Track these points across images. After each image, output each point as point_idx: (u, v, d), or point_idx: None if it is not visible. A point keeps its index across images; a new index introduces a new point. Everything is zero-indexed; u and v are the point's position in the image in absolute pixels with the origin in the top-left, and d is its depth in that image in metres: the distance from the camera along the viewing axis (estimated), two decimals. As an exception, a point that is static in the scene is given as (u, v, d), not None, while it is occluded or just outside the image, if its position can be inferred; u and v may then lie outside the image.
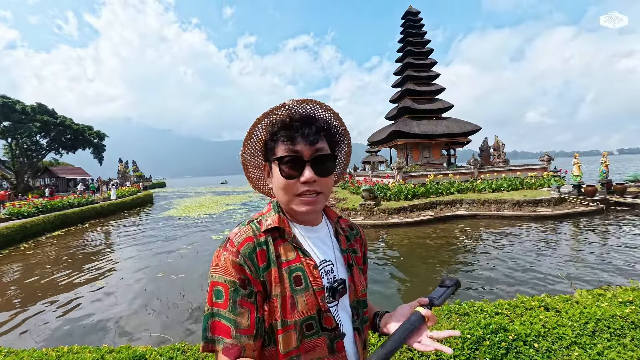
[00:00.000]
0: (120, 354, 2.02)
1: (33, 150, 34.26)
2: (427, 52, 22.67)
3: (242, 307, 0.67)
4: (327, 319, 0.73)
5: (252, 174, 0.90)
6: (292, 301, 0.70)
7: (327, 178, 0.75)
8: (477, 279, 5.79)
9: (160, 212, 19.69)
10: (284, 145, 0.73)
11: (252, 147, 0.84)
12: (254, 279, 0.69)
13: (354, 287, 0.82)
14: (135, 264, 8.05)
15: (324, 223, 0.86)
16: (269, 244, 0.73)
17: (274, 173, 0.76)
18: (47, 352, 2.14)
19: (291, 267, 0.73)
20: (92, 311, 5.26)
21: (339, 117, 0.85)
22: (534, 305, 2.23)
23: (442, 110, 21.78)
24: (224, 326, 0.66)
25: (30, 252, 10.05)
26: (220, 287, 0.68)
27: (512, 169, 18.12)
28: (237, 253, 0.69)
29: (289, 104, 0.77)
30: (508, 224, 10.30)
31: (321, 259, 0.78)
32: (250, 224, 0.77)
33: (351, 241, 0.90)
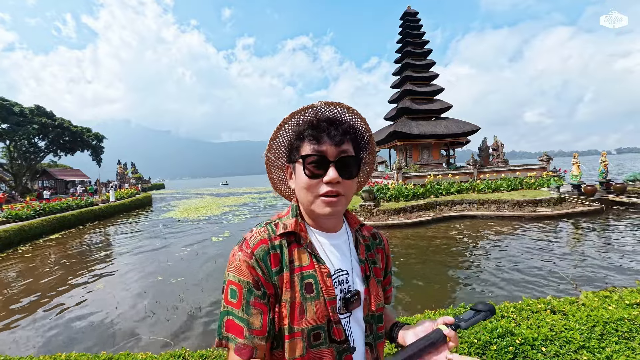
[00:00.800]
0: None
1: (31, 153, 34.17)
2: (426, 52, 22.70)
3: (255, 308, 0.68)
4: (337, 331, 0.71)
5: (275, 175, 0.90)
6: (300, 308, 0.69)
7: (350, 181, 0.74)
8: (478, 281, 5.76)
9: (159, 214, 19.62)
10: (309, 145, 0.73)
11: (277, 147, 0.84)
12: (266, 281, 0.69)
13: (370, 300, 0.79)
14: (134, 267, 7.99)
15: (343, 230, 0.84)
16: (284, 247, 0.73)
17: (298, 173, 0.75)
18: (44, 359, 2.10)
19: (304, 273, 0.72)
20: (91, 315, 5.20)
21: (366, 123, 0.84)
22: (540, 308, 2.20)
23: (441, 111, 21.81)
24: (237, 325, 0.67)
25: (28, 255, 9.97)
26: (234, 287, 0.69)
27: (512, 169, 18.13)
28: (251, 254, 0.70)
29: (317, 105, 0.77)
30: (508, 224, 10.28)
31: (336, 267, 0.76)
32: (267, 226, 0.77)
33: (372, 251, 0.87)
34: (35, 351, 4.08)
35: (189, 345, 4.07)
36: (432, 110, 21.44)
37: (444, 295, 5.26)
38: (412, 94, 21.69)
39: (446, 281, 5.89)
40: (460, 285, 5.65)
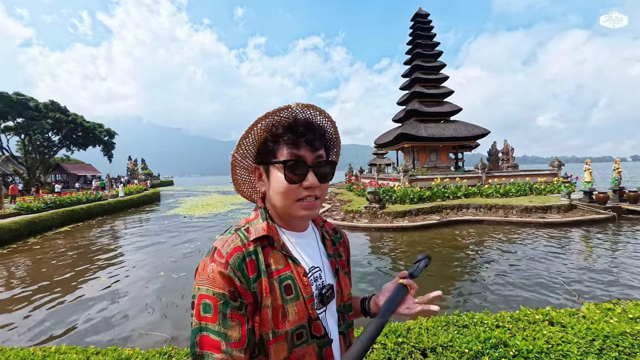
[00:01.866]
0: (106, 356, 1.98)
1: (45, 147, 34.95)
2: (436, 54, 22.46)
3: (233, 320, 0.65)
4: (317, 327, 0.73)
5: (239, 176, 0.88)
6: (283, 311, 0.69)
7: (325, 184, 0.76)
8: (480, 287, 5.64)
9: (167, 210, 19.85)
10: (287, 149, 0.72)
11: (246, 147, 0.81)
12: (244, 290, 0.67)
13: (341, 291, 0.83)
14: (138, 262, 8.08)
15: (310, 229, 0.87)
16: (258, 253, 0.71)
17: (274, 176, 0.74)
18: (34, 351, 2.11)
19: (281, 276, 0.72)
20: (91, 308, 5.27)
21: (335, 125, 0.86)
22: (537, 319, 2.12)
23: (450, 114, 21.53)
24: (213, 341, 0.63)
25: (37, 247, 10.18)
26: (208, 301, 0.65)
27: (521, 174, 17.78)
28: (226, 264, 0.66)
29: (294, 107, 0.76)
30: (515, 230, 10.08)
31: (310, 265, 0.79)
32: (237, 232, 0.74)
33: (336, 245, 0.92)
34: (31, 343, 4.15)
35: (187, 342, 4.08)
36: (441, 112, 21.18)
37: (439, 301, 5.17)
38: (421, 96, 21.48)
39: (446, 287, 5.78)
40: (460, 292, 5.54)
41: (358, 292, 5.56)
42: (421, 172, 18.85)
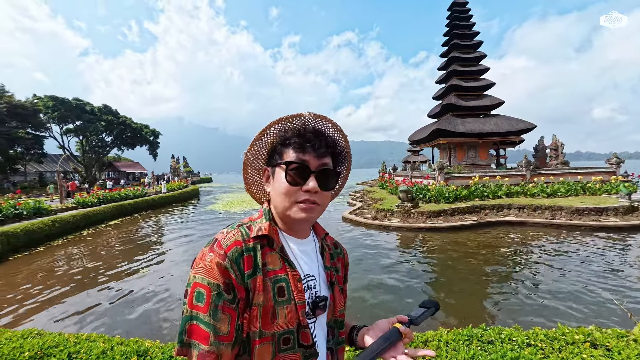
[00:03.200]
0: (127, 347, 2.09)
1: (99, 147, 38.30)
2: (475, 44, 21.20)
3: (224, 313, 0.65)
4: (305, 335, 0.72)
5: (250, 176, 0.91)
6: (273, 312, 0.69)
7: (327, 192, 0.77)
8: (513, 298, 5.18)
9: (204, 206, 20.81)
10: (293, 152, 0.74)
11: (259, 148, 0.85)
12: (238, 284, 0.67)
13: (334, 305, 0.82)
14: (176, 255, 8.55)
15: (311, 238, 0.86)
16: (257, 250, 0.72)
17: (277, 177, 0.76)
18: (69, 337, 2.29)
19: (276, 277, 0.72)
20: (131, 297, 5.65)
21: (346, 139, 0.88)
22: (577, 340, 1.87)
23: (490, 107, 20.26)
24: (202, 331, 0.64)
25: (90, 238, 11.17)
26: (202, 290, 0.66)
27: (573, 172, 16.27)
28: (224, 256, 0.68)
29: (306, 115, 0.80)
30: (563, 235, 9.22)
31: (305, 272, 0.78)
32: (239, 228, 0.75)
33: (334, 259, 0.90)
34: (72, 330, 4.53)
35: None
36: (481, 106, 20.00)
37: (472, 312, 4.84)
38: (459, 90, 20.42)
39: (479, 296, 5.39)
40: (490, 301, 5.15)
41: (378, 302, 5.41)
42: (458, 170, 17.96)
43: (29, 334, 2.41)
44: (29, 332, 2.45)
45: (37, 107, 31.17)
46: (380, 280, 6.15)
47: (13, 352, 2.05)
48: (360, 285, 5.93)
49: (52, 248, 9.63)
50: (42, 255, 8.75)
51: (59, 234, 11.22)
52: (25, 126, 30.26)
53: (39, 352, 2.05)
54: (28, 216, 12.08)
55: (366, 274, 6.50)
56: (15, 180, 33.92)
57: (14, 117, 28.81)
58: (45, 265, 7.81)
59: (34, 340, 2.22)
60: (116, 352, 2.04)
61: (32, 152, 32.69)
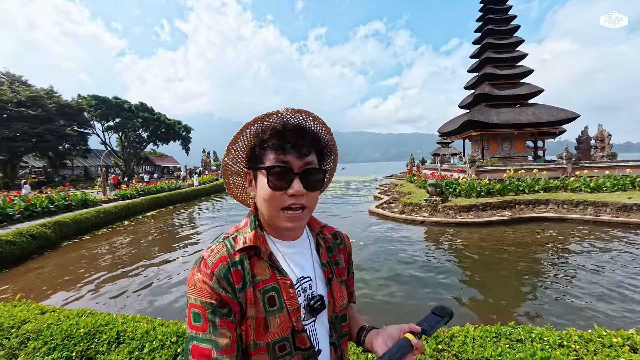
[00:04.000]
0: (167, 328, 2.27)
1: (137, 142, 40.63)
2: (512, 29, 19.95)
3: (222, 328, 0.66)
4: (301, 339, 0.72)
5: (232, 181, 0.87)
6: (264, 323, 0.69)
7: (314, 192, 0.73)
8: (548, 297, 4.90)
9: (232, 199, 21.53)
10: (273, 155, 0.70)
11: (236, 152, 0.80)
12: (231, 300, 0.67)
13: (333, 302, 0.80)
14: (207, 243, 8.96)
15: (304, 236, 0.83)
16: (245, 263, 0.71)
17: (259, 183, 0.72)
18: (116, 317, 2.53)
19: (266, 287, 0.71)
20: (167, 283, 6.03)
21: (330, 132, 0.82)
22: (615, 343, 1.76)
23: (528, 96, 19.07)
24: (204, 350, 0.64)
25: (131, 227, 11.97)
26: (197, 310, 0.66)
27: (621, 164, 15.03)
28: (211, 275, 0.67)
29: (283, 112, 0.74)
30: (608, 232, 8.58)
31: (299, 276, 0.76)
32: (224, 241, 0.74)
33: (334, 252, 0.88)
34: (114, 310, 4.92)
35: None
36: (517, 95, 18.87)
37: (502, 310, 4.66)
38: (493, 78, 19.38)
39: (510, 296, 5.15)
40: (522, 299, 4.93)
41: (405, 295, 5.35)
42: (491, 163, 17.19)
43: (83, 313, 2.68)
44: (83, 312, 2.72)
45: (82, 106, 33.62)
46: (406, 274, 6.10)
47: (70, 328, 2.30)
48: (384, 276, 5.93)
49: (97, 236, 10.44)
50: (88, 243, 9.53)
51: (104, 224, 12.13)
52: (71, 124, 32.77)
53: (92, 329, 2.28)
54: (76, 207, 13.16)
55: (391, 268, 6.46)
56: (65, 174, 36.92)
57: (62, 116, 31.29)
58: (91, 252, 8.51)
59: (87, 318, 2.47)
60: (158, 332, 2.23)
61: (78, 148, 35.42)
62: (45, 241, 8.68)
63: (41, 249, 8.47)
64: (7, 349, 2.17)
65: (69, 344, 2.15)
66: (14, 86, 28.74)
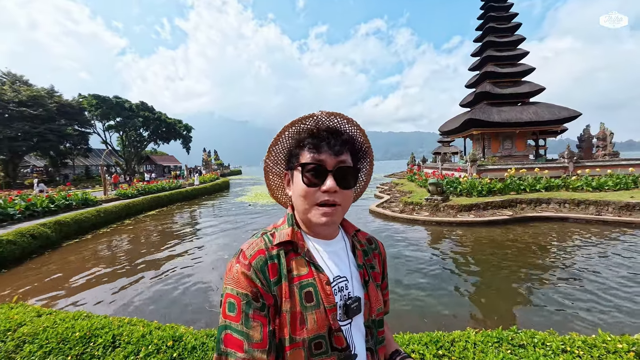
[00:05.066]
0: (164, 332, 2.24)
1: (138, 141, 40.66)
2: (513, 27, 19.84)
3: (255, 321, 0.67)
4: (338, 339, 0.71)
5: (272, 182, 0.92)
6: (301, 318, 0.69)
7: (348, 191, 0.75)
8: (550, 300, 4.85)
9: (234, 198, 21.51)
10: (308, 153, 0.74)
11: (277, 154, 0.86)
12: (265, 292, 0.69)
13: (370, 305, 0.80)
14: (207, 244, 8.95)
15: (340, 237, 0.85)
16: (281, 257, 0.73)
17: (295, 180, 0.76)
18: (112, 320, 2.50)
19: (302, 282, 0.72)
20: (166, 283, 6.01)
21: (365, 134, 0.85)
22: (620, 349, 1.73)
23: (529, 95, 18.98)
24: (236, 340, 0.66)
25: (131, 227, 11.97)
26: (232, 300, 0.69)
27: (623, 163, 14.95)
28: (249, 266, 0.70)
29: (318, 114, 0.79)
30: (610, 232, 8.53)
31: (335, 274, 0.77)
32: (263, 236, 0.77)
33: (369, 256, 0.88)
34: (112, 311, 4.90)
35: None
36: (519, 94, 18.78)
37: (503, 313, 4.63)
38: (494, 76, 19.28)
39: (509, 296, 5.13)
40: (524, 303, 4.88)
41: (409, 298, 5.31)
42: (492, 162, 17.12)
43: (79, 316, 2.65)
44: (79, 314, 2.69)
45: (82, 105, 33.63)
46: (407, 276, 6.06)
47: (66, 331, 2.27)
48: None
49: (98, 236, 10.43)
50: (89, 242, 9.52)
51: (104, 223, 12.12)
52: (72, 123, 32.76)
53: (87, 332, 2.26)
54: (77, 207, 13.15)
55: (392, 270, 6.43)
56: (67, 173, 36.97)
57: (63, 115, 31.29)
58: (92, 252, 8.50)
59: (83, 322, 2.44)
60: (154, 336, 2.20)
61: (79, 147, 35.40)
62: (45, 241, 8.68)
63: (42, 249, 8.46)
64: (3, 352, 2.15)
65: (65, 347, 2.13)
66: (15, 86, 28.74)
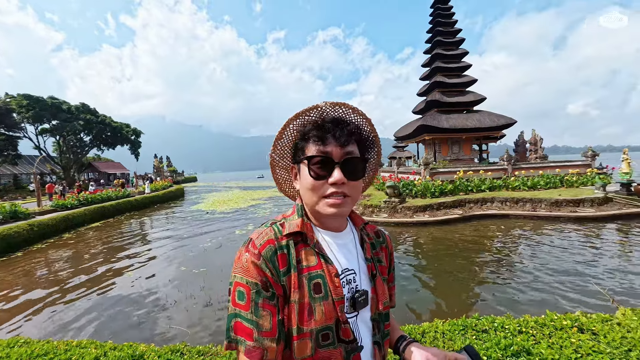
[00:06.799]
0: (121, 352, 2.05)
1: (78, 147, 36.91)
2: (458, 42, 21.57)
3: (264, 310, 0.67)
4: (345, 331, 0.71)
5: (279, 175, 0.91)
6: (309, 309, 0.69)
7: (356, 182, 0.74)
8: (503, 288, 5.37)
9: (190, 206, 20.45)
10: (314, 146, 0.73)
11: (282, 147, 0.84)
12: (275, 282, 0.69)
13: (376, 299, 0.79)
14: (161, 257, 8.38)
15: (349, 229, 0.84)
16: (290, 247, 0.73)
17: (302, 173, 0.75)
18: (58, 344, 2.22)
19: (311, 273, 0.72)
20: (117, 301, 5.51)
21: (371, 123, 0.84)
22: (565, 325, 1.96)
23: (473, 103, 20.70)
24: (246, 328, 0.66)
25: (71, 241, 10.79)
26: (242, 289, 0.68)
27: (551, 165, 16.86)
28: (259, 255, 0.69)
29: (322, 105, 0.78)
30: (544, 226, 9.57)
31: (343, 267, 0.76)
32: (272, 226, 0.76)
33: (377, 249, 0.88)
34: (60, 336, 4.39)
35: (205, 336, 4.19)
36: (464, 102, 20.39)
37: (458, 302, 4.98)
38: (443, 86, 20.75)
39: (463, 286, 5.56)
40: (479, 292, 5.30)
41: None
42: (443, 165, 18.31)
43: (15, 343, 2.31)
44: (15, 341, 2.35)
45: (10, 106, 29.71)
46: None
47: (-1, 362, 1.97)
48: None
49: (32, 253, 9.27)
50: (20, 261, 8.41)
51: (39, 238, 10.81)
52: (-3, 126, 28.84)
53: (27, 361, 1.98)
54: (4, 220, 11.56)
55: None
56: (-12, 183, 32.33)
57: (-16, 117, 27.40)
58: (25, 271, 7.51)
59: (21, 349, 2.13)
60: (110, 357, 1.99)
61: (6, 153, 31.16)
62: (-37, 261, 7.50)
63: (-42, 271, 7.30)
64: None
65: (-1, 380, 1.85)
66: None
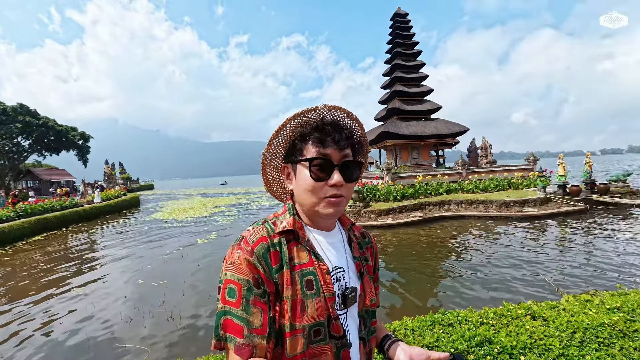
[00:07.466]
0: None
1: (14, 152, 33.20)
2: (416, 53, 22.81)
3: (255, 307, 0.67)
4: (336, 327, 0.73)
5: (269, 175, 0.91)
6: (302, 305, 0.70)
7: (351, 184, 0.77)
8: (464, 284, 5.71)
9: (147, 215, 19.23)
10: (314, 148, 0.74)
11: (276, 147, 0.84)
12: (267, 279, 0.69)
13: (364, 296, 0.82)
14: (115, 271, 7.75)
15: (337, 229, 0.87)
16: (283, 245, 0.74)
17: (300, 174, 0.76)
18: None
19: (303, 270, 0.73)
20: (66, 322, 4.99)
21: (362, 128, 0.87)
22: (520, 314, 2.13)
23: (430, 112, 21.92)
24: (236, 325, 0.66)
25: (6, 258, 9.61)
26: (233, 286, 0.68)
27: (500, 169, 18.33)
28: (252, 252, 0.70)
29: (321, 108, 0.79)
30: (496, 225, 10.35)
31: (334, 264, 0.78)
32: (264, 224, 0.77)
33: (363, 249, 0.91)
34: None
35: (164, 353, 3.93)
36: (422, 110, 21.53)
37: (424, 299, 5.21)
38: (402, 95, 21.75)
39: (428, 284, 5.84)
40: (443, 289, 5.60)
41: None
42: (404, 170, 19.10)
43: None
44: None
45: None
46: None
47: None
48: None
49: (-45, 273, 8.09)
50: (-60, 283, 7.30)
51: (-36, 256, 9.48)
52: None
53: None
54: None
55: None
56: None
57: None
58: (-53, 294, 6.54)
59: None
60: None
61: None
62: None
63: None
64: None
65: None
66: None
